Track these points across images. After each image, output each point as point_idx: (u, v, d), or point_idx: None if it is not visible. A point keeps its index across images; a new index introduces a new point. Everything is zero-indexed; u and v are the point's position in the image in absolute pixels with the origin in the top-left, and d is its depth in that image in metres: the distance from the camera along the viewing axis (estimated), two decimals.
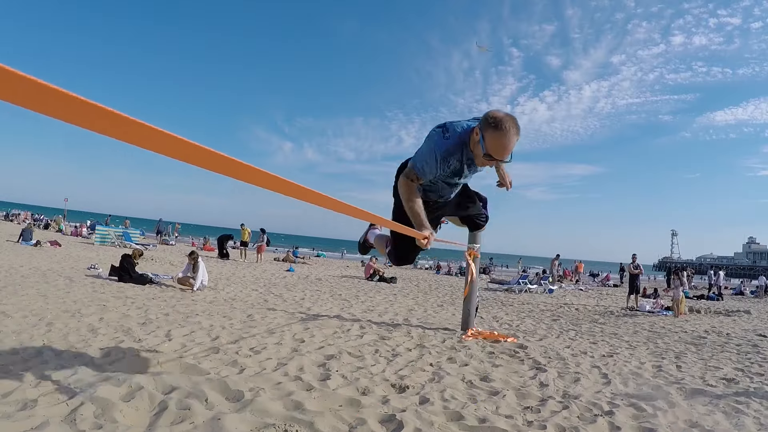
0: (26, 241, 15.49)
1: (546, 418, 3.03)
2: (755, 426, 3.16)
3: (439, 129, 2.23)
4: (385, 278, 15.26)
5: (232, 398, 2.95)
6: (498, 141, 2.00)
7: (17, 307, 5.25)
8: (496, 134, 1.99)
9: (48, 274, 8.70)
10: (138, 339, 4.35)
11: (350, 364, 4.08)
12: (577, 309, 11.06)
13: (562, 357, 5.09)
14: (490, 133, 2.01)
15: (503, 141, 1.99)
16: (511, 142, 2.00)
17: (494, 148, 2.02)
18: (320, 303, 8.32)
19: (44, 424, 2.31)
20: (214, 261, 16.67)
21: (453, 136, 2.17)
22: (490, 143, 2.01)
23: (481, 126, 2.06)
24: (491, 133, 2.00)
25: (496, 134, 1.99)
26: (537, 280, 17.78)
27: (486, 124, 2.02)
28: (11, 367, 3.18)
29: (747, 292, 22.57)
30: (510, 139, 1.99)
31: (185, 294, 7.83)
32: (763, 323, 10.25)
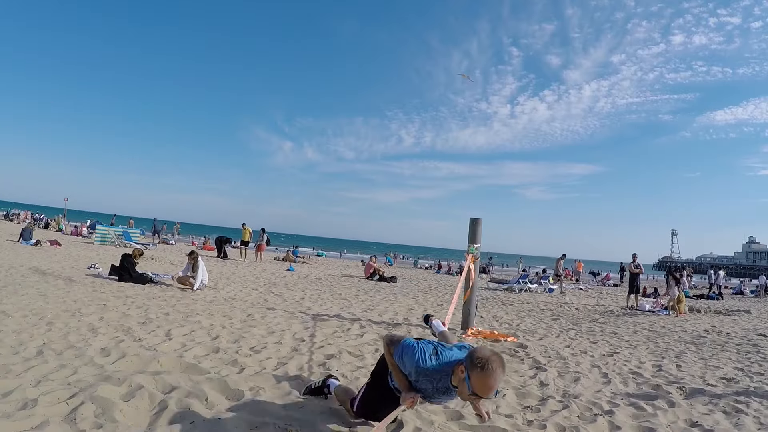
0: (26, 240, 15.49)
1: (546, 418, 3.04)
2: (755, 425, 3.16)
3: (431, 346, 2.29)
4: (386, 278, 15.27)
5: (232, 397, 2.95)
6: (484, 381, 2.00)
7: (17, 307, 5.25)
8: (483, 375, 1.99)
9: (48, 273, 8.70)
10: (138, 338, 4.36)
11: (350, 364, 4.08)
12: (577, 308, 11.06)
13: (562, 356, 5.09)
14: (476, 374, 2.00)
15: (489, 381, 1.99)
16: (497, 382, 2.01)
17: (480, 388, 2.02)
18: (320, 302, 8.33)
19: (44, 424, 2.31)
20: (214, 260, 16.67)
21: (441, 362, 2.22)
22: (476, 383, 2.01)
23: (467, 365, 2.06)
24: (478, 373, 2.00)
25: (483, 375, 1.99)
26: (537, 280, 17.79)
27: (472, 365, 2.03)
28: (11, 366, 3.18)
29: (747, 292, 22.59)
30: (496, 379, 2.00)
31: (185, 293, 7.83)
32: (763, 323, 10.25)
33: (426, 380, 2.24)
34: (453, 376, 2.17)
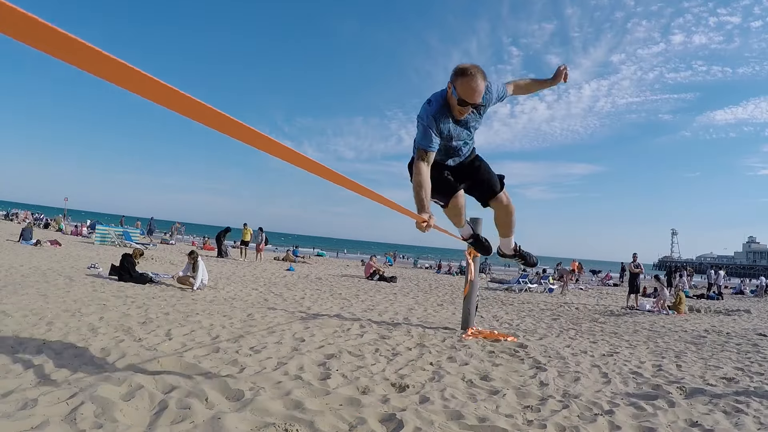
0: (26, 240, 15.49)
1: (546, 417, 3.03)
2: (755, 425, 3.16)
3: (425, 102, 2.43)
4: (386, 277, 15.27)
5: (233, 397, 2.95)
6: (467, 85, 2.22)
7: (17, 307, 5.25)
8: (464, 80, 2.22)
9: (48, 273, 8.70)
10: (138, 338, 4.36)
11: (350, 363, 4.08)
12: (577, 308, 11.06)
13: (562, 356, 5.09)
14: (459, 81, 2.24)
15: (471, 84, 2.22)
16: (479, 85, 2.23)
17: (464, 92, 2.24)
18: (320, 302, 8.33)
19: (44, 424, 2.31)
20: (214, 260, 16.67)
21: (435, 101, 2.39)
22: (460, 89, 2.24)
23: (451, 79, 2.29)
24: (460, 80, 2.24)
25: (464, 80, 2.22)
26: (537, 280, 17.78)
27: (454, 75, 2.26)
28: (11, 366, 3.18)
29: (747, 292, 22.59)
30: (477, 82, 2.23)
31: (185, 293, 7.83)
32: (763, 322, 10.25)
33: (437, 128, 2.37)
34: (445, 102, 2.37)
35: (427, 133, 2.36)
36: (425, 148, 2.37)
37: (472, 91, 2.24)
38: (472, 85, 2.23)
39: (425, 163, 2.37)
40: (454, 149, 2.61)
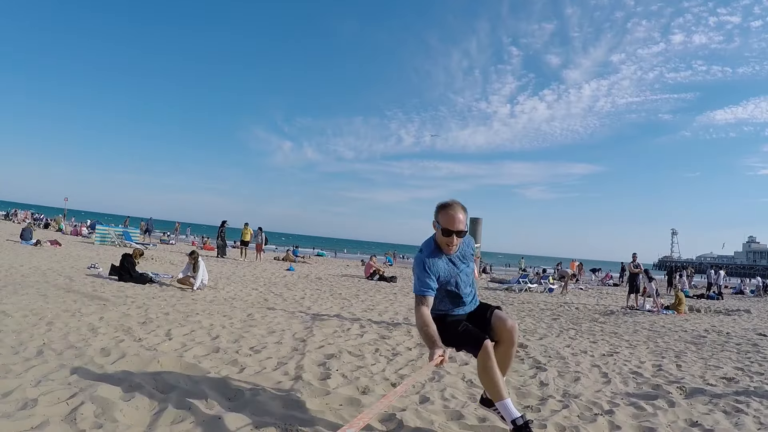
0: (26, 240, 15.49)
1: (546, 417, 3.03)
2: (755, 425, 3.16)
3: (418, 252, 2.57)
4: (386, 277, 15.27)
5: (233, 397, 2.95)
6: (447, 216, 2.42)
7: (17, 307, 5.25)
8: (445, 212, 2.44)
9: (48, 273, 8.70)
10: (138, 338, 4.35)
11: (350, 363, 4.08)
12: (577, 308, 11.06)
13: (562, 356, 5.09)
14: (441, 214, 2.45)
15: (451, 213, 2.42)
16: (458, 215, 2.42)
17: (445, 222, 2.42)
18: (320, 302, 8.33)
19: (44, 424, 2.31)
20: (214, 260, 16.67)
21: (425, 247, 2.54)
22: (442, 220, 2.43)
23: (435, 216, 2.49)
24: (442, 213, 2.45)
25: (445, 212, 2.44)
26: (537, 280, 17.78)
27: (436, 210, 2.48)
28: (11, 366, 3.18)
29: (747, 291, 22.61)
30: (456, 212, 2.42)
31: (185, 293, 7.83)
32: (763, 322, 10.25)
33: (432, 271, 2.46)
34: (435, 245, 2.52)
35: (421, 279, 2.46)
36: (422, 293, 2.45)
37: (453, 219, 2.42)
38: (451, 213, 2.43)
39: (425, 307, 2.44)
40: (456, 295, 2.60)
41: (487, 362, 2.34)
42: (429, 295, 2.45)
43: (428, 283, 2.45)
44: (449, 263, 2.54)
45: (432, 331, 2.33)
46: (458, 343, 2.51)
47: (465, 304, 2.65)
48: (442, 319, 2.56)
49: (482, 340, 2.37)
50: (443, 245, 2.49)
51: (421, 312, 2.41)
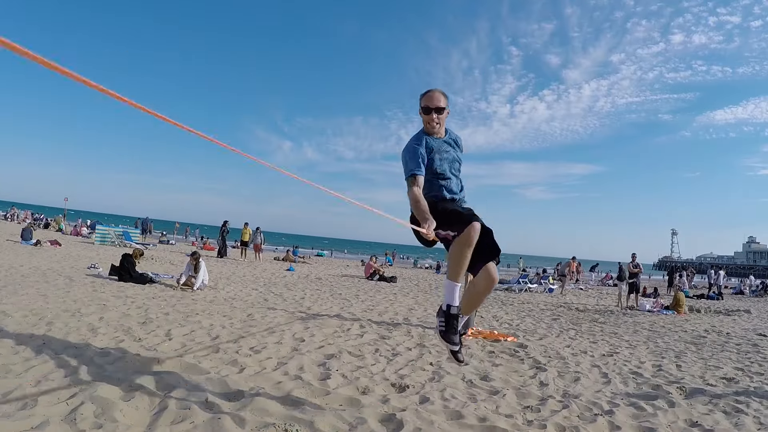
0: (26, 240, 15.49)
1: (546, 418, 3.03)
2: (755, 425, 3.16)
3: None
4: (386, 277, 15.26)
5: (232, 397, 2.95)
6: (426, 97, 2.70)
7: (17, 307, 5.25)
8: (425, 95, 2.72)
9: (48, 273, 8.70)
10: (138, 338, 4.35)
11: (350, 364, 4.08)
12: (577, 308, 11.06)
13: (562, 356, 5.09)
14: (422, 99, 2.72)
15: (429, 94, 2.70)
16: (435, 94, 2.69)
17: (426, 101, 2.69)
18: (320, 302, 8.32)
19: (44, 424, 2.31)
20: (214, 260, 16.67)
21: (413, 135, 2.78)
22: (423, 102, 2.71)
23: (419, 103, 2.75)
24: (423, 97, 2.72)
25: (425, 95, 2.72)
26: (537, 280, 17.77)
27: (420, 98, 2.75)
28: (11, 366, 3.18)
29: (747, 292, 22.63)
30: (434, 93, 2.69)
31: (185, 293, 7.83)
32: (763, 322, 10.25)
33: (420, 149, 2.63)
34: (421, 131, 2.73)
35: (413, 156, 2.61)
36: (413, 172, 2.58)
37: (430, 98, 2.68)
38: (429, 94, 2.70)
39: (416, 186, 2.55)
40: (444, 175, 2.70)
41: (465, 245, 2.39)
42: (419, 174, 2.58)
43: (417, 162, 2.59)
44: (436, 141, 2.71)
45: (423, 204, 2.45)
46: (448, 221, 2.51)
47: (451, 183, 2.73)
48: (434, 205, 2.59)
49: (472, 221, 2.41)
50: (427, 124, 2.70)
51: (413, 191, 2.54)
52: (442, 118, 2.71)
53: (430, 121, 2.68)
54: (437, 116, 2.67)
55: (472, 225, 2.37)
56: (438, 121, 2.68)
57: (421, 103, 2.71)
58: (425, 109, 2.68)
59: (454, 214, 2.53)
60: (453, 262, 2.46)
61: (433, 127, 2.69)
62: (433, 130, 2.70)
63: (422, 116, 2.72)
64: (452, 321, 2.47)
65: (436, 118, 2.67)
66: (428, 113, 2.67)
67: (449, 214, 2.52)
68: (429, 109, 2.67)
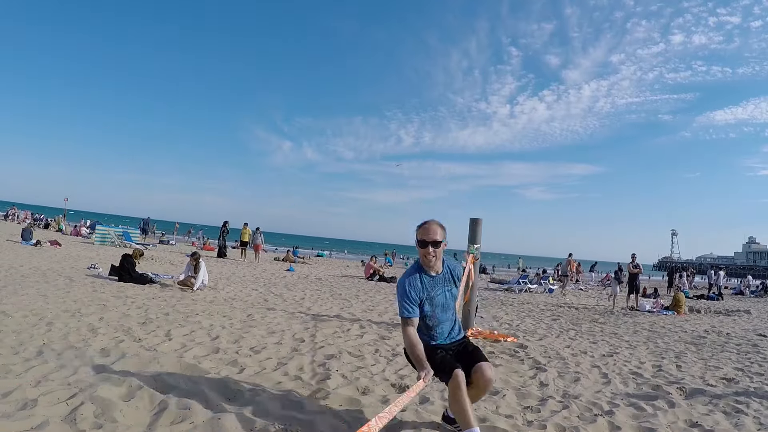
0: (26, 240, 15.49)
1: (546, 418, 3.03)
2: (755, 426, 3.16)
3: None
4: (385, 278, 15.27)
5: (232, 398, 2.95)
6: (422, 229, 2.63)
7: (17, 307, 5.25)
8: (421, 227, 2.64)
9: (48, 273, 8.70)
10: (138, 338, 4.36)
11: (350, 364, 4.08)
12: (577, 308, 11.06)
13: (562, 357, 5.09)
14: (418, 231, 2.65)
15: (425, 227, 2.62)
16: (432, 227, 2.61)
17: (421, 235, 2.62)
18: (320, 303, 8.33)
19: (44, 424, 2.31)
20: (214, 260, 16.68)
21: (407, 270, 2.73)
22: (419, 235, 2.63)
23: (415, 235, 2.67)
24: (419, 230, 2.65)
25: (421, 227, 2.64)
26: (537, 280, 17.77)
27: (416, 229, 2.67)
28: (11, 366, 3.18)
29: (747, 292, 22.63)
30: (431, 225, 2.62)
31: (185, 293, 7.83)
32: (763, 323, 10.25)
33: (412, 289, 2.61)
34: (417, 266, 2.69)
35: (402, 303, 2.60)
36: (405, 316, 2.58)
37: (426, 232, 2.61)
38: (425, 226, 2.63)
39: (411, 327, 2.55)
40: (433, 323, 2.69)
41: (457, 391, 2.38)
42: (413, 317, 2.57)
43: (408, 305, 2.58)
44: (431, 280, 2.67)
45: (419, 351, 2.46)
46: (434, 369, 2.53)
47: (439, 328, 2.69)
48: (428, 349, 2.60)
49: (453, 369, 2.43)
50: (422, 258, 2.65)
51: (407, 332, 2.54)
52: (439, 252, 2.65)
53: (426, 255, 2.62)
54: (433, 250, 2.61)
55: (454, 374, 2.41)
56: (434, 255, 2.62)
57: (417, 236, 2.65)
58: (421, 242, 2.61)
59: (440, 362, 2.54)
60: (456, 413, 2.44)
61: (429, 261, 2.63)
62: (429, 263, 2.65)
63: (418, 249, 2.66)
64: None
65: (432, 252, 2.61)
66: (424, 246, 2.61)
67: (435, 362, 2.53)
68: (425, 242, 2.60)
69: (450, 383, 2.42)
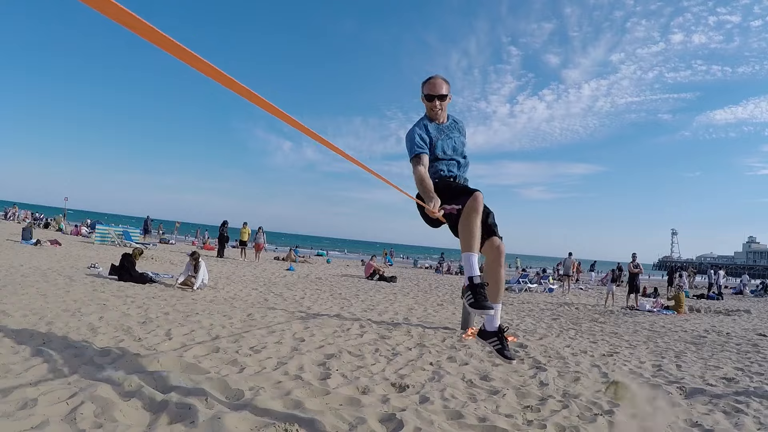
0: (26, 240, 15.49)
1: (546, 417, 3.03)
2: (755, 425, 3.16)
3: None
4: (385, 277, 15.27)
5: (233, 397, 2.95)
6: (429, 84, 2.74)
7: (17, 306, 5.25)
8: (427, 82, 2.75)
9: (48, 273, 8.69)
10: (138, 338, 4.35)
11: (350, 363, 4.08)
12: (577, 308, 11.06)
13: (562, 356, 5.09)
14: (424, 86, 2.76)
15: (432, 81, 2.74)
16: (437, 82, 2.72)
17: (428, 89, 2.73)
18: (320, 302, 8.33)
19: (44, 424, 2.31)
20: (214, 260, 16.67)
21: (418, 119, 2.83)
22: (425, 89, 2.75)
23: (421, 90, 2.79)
24: (425, 85, 2.76)
25: (427, 82, 2.75)
26: (537, 280, 17.76)
27: (421, 86, 2.79)
28: (11, 366, 3.18)
29: (747, 292, 22.64)
30: (437, 80, 2.73)
31: (185, 293, 7.83)
32: (763, 322, 10.25)
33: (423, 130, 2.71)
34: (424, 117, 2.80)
35: (414, 139, 2.67)
36: (417, 152, 2.65)
37: (433, 85, 2.72)
38: (432, 81, 2.73)
39: (421, 165, 2.61)
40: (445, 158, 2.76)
41: (472, 213, 2.42)
42: (423, 153, 2.66)
43: (420, 142, 2.67)
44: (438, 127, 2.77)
45: (428, 183, 2.53)
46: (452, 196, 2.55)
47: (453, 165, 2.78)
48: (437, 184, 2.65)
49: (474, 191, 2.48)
50: (429, 111, 2.76)
51: (417, 169, 2.61)
52: (445, 105, 2.76)
53: (432, 108, 2.74)
54: (440, 103, 2.73)
55: (475, 194, 2.44)
56: (441, 108, 2.74)
57: (424, 90, 2.75)
58: (428, 96, 2.72)
59: (457, 188, 2.62)
60: (464, 233, 2.46)
61: (435, 114, 2.75)
62: (436, 116, 2.76)
63: (425, 103, 2.77)
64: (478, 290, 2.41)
65: (439, 105, 2.73)
66: (431, 100, 2.72)
67: (452, 190, 2.60)
68: (432, 96, 2.71)
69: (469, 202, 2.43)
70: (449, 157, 2.78)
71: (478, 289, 2.40)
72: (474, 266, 2.44)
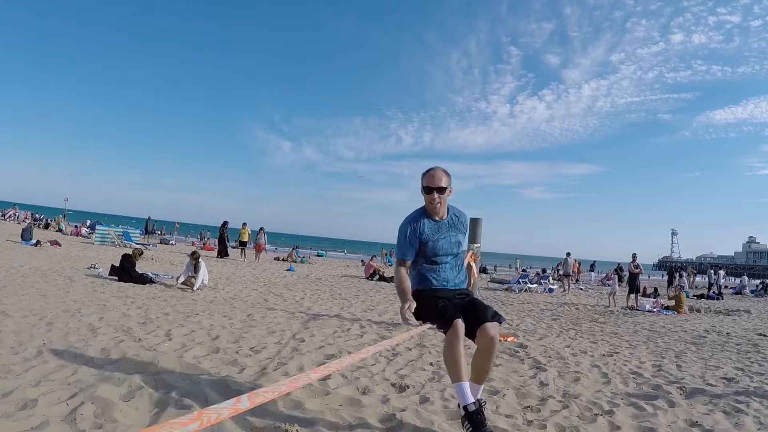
0: (26, 240, 15.49)
1: (546, 418, 3.03)
2: (755, 425, 3.16)
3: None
4: (385, 277, 15.26)
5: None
6: (428, 176, 2.66)
7: (17, 307, 5.25)
8: (427, 174, 2.68)
9: (48, 273, 8.69)
10: (138, 338, 4.35)
11: (350, 364, 4.08)
12: (577, 308, 11.06)
13: (562, 356, 5.09)
14: (424, 177, 2.68)
15: (431, 173, 2.66)
16: (437, 174, 2.64)
17: (426, 181, 2.65)
18: (320, 302, 8.33)
19: (44, 424, 2.30)
20: (214, 260, 16.68)
21: (412, 212, 2.76)
22: (424, 181, 2.67)
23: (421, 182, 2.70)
24: (424, 176, 2.68)
25: (427, 174, 2.68)
26: (537, 280, 17.77)
27: (422, 176, 2.70)
28: (11, 366, 3.18)
29: (747, 292, 22.64)
30: (436, 172, 2.65)
31: (185, 293, 7.83)
32: (763, 322, 10.25)
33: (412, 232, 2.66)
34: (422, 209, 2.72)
35: (401, 242, 2.67)
36: (401, 257, 2.68)
37: (432, 177, 2.64)
38: (431, 173, 2.66)
39: (403, 268, 2.66)
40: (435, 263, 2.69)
41: (454, 341, 2.38)
42: (407, 259, 2.69)
43: (405, 246, 2.67)
44: (435, 225, 2.70)
45: (406, 286, 2.57)
46: (432, 316, 2.54)
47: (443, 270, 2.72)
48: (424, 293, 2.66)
49: (454, 319, 2.42)
50: (428, 204, 2.68)
51: (399, 271, 2.66)
52: (444, 198, 2.67)
53: (431, 201, 2.65)
54: (439, 196, 2.63)
55: (453, 324, 2.38)
56: (439, 201, 2.65)
57: (423, 182, 2.67)
58: (426, 188, 2.64)
59: (438, 310, 2.53)
60: (448, 363, 2.41)
61: (434, 208, 2.66)
62: (434, 210, 2.67)
63: (423, 195, 2.68)
64: (475, 417, 2.37)
65: (438, 198, 2.63)
66: (429, 193, 2.63)
67: (433, 310, 2.54)
68: (430, 189, 2.63)
69: (449, 333, 2.40)
70: (440, 261, 2.70)
71: (474, 417, 2.37)
72: (466, 394, 2.40)
